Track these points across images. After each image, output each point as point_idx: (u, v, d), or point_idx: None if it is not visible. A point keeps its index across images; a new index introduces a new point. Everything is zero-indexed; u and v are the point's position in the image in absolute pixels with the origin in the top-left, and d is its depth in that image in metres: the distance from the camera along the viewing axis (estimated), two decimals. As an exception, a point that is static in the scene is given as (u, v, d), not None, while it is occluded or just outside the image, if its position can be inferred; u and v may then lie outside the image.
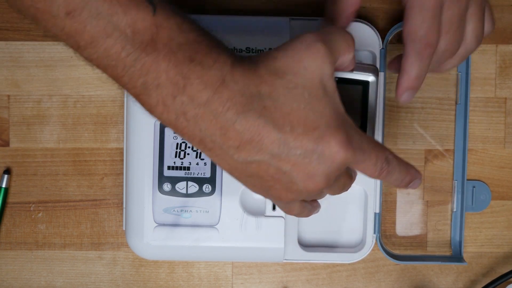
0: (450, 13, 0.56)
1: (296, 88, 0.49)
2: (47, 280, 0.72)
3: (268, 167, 0.49)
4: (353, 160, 0.50)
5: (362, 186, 0.69)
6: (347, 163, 0.50)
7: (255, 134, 0.48)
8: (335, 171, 0.50)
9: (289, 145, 0.48)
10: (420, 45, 0.56)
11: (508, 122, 0.72)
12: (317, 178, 0.50)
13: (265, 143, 0.48)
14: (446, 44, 0.57)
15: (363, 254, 0.70)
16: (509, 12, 0.71)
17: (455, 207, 0.72)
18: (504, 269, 0.73)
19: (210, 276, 0.73)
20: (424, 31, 0.56)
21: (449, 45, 0.57)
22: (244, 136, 0.47)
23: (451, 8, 0.56)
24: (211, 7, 0.71)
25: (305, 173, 0.49)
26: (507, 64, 0.72)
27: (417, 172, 0.55)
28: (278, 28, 0.67)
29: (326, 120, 0.49)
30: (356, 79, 0.58)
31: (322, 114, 0.49)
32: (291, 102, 0.48)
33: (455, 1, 0.56)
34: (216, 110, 0.47)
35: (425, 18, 0.55)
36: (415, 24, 0.56)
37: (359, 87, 0.59)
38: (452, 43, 0.57)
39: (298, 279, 0.73)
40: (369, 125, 0.61)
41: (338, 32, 0.52)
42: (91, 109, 0.71)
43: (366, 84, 0.58)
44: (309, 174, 0.49)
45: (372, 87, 0.58)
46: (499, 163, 0.73)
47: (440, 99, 0.72)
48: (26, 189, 0.72)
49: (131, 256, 0.72)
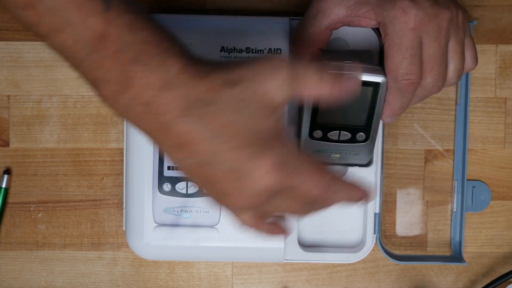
0: (431, 50, 0.58)
1: (243, 101, 0.48)
2: (47, 280, 0.72)
3: (205, 171, 0.49)
4: (284, 184, 0.49)
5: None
6: (276, 186, 0.49)
7: (190, 139, 0.47)
8: (263, 193, 0.49)
9: (220, 156, 0.48)
10: (402, 83, 0.58)
11: (508, 122, 0.72)
12: (245, 195, 0.49)
13: (199, 149, 0.47)
14: (433, 80, 0.59)
15: (363, 254, 0.70)
16: (509, 12, 0.71)
17: (455, 207, 0.72)
18: (504, 269, 0.73)
19: (210, 276, 0.73)
20: (404, 70, 0.57)
21: (436, 81, 0.59)
22: (181, 138, 0.47)
23: (431, 46, 0.58)
24: (211, 7, 0.71)
25: (234, 187, 0.49)
26: (507, 64, 0.72)
27: (363, 192, 0.54)
28: (278, 28, 0.67)
29: (263, 140, 0.48)
30: (368, 80, 0.59)
31: (261, 132, 0.48)
32: (234, 114, 0.47)
33: (434, 38, 0.57)
34: (156, 110, 0.47)
35: (405, 57, 0.57)
36: (395, 63, 0.58)
37: (370, 88, 0.59)
38: (439, 79, 0.59)
39: (298, 279, 0.73)
40: (374, 125, 0.61)
41: (311, 68, 0.50)
42: (91, 109, 0.71)
43: (377, 85, 0.59)
44: (237, 189, 0.49)
45: (382, 88, 0.59)
46: (499, 163, 0.73)
47: (440, 99, 0.72)
48: (26, 189, 0.72)
49: (131, 256, 0.72)
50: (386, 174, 0.72)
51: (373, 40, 0.68)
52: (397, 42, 0.57)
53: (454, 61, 0.59)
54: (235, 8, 0.71)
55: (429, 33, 0.57)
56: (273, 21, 0.67)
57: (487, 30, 0.71)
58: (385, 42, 0.58)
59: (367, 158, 0.65)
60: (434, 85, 0.59)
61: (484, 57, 0.72)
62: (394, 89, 0.59)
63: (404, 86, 0.58)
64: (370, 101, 0.60)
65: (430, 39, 0.57)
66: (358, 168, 0.69)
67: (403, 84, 0.58)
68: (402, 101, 0.59)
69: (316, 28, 0.59)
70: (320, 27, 0.59)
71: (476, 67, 0.71)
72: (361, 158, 0.65)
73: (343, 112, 0.61)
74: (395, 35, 0.57)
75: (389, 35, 0.57)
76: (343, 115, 0.61)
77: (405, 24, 0.57)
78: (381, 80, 0.59)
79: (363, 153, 0.64)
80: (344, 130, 0.62)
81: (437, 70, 0.58)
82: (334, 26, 0.60)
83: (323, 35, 0.60)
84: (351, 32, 0.67)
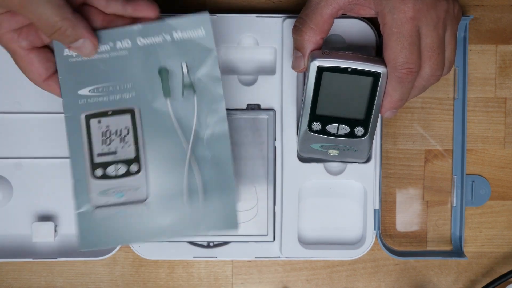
0: (430, 40, 0.59)
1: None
2: (47, 280, 0.73)
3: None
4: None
5: (361, 183, 0.69)
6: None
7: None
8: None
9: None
10: (401, 72, 0.59)
11: (508, 122, 0.72)
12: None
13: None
14: (431, 69, 0.60)
15: (364, 250, 0.70)
16: (509, 12, 0.71)
17: (454, 202, 0.72)
18: (504, 269, 0.73)
19: (210, 276, 0.73)
20: (404, 59, 0.58)
21: (434, 70, 0.60)
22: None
23: (429, 36, 0.59)
24: (211, 7, 0.71)
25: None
26: (507, 64, 0.72)
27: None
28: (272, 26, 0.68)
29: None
30: (369, 70, 0.59)
31: None
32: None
33: (433, 28, 0.59)
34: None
35: (404, 46, 0.58)
36: (394, 52, 0.59)
37: (370, 78, 0.60)
38: (437, 68, 0.60)
39: (298, 279, 0.73)
40: (373, 119, 0.62)
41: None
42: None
43: (378, 75, 0.59)
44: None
45: (383, 78, 0.59)
46: (499, 163, 0.73)
47: (440, 99, 0.72)
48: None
49: (131, 256, 0.72)
50: (386, 174, 0.72)
51: (368, 35, 0.68)
52: (396, 32, 0.58)
53: (447, 52, 0.60)
54: (235, 7, 0.71)
55: (427, 23, 0.58)
56: (268, 20, 0.68)
57: (487, 30, 0.72)
58: (384, 32, 0.59)
59: (365, 155, 0.66)
60: (432, 74, 0.60)
61: (484, 57, 0.72)
62: (393, 78, 0.59)
63: (403, 75, 0.59)
64: (370, 92, 0.61)
65: (429, 29, 0.58)
66: (357, 164, 0.69)
67: (403, 73, 0.59)
68: (402, 91, 0.60)
69: (319, 17, 0.60)
70: (323, 16, 0.60)
71: (476, 67, 0.72)
72: (359, 155, 0.65)
73: (342, 104, 0.62)
74: (394, 25, 0.58)
75: (388, 24, 0.58)
76: (343, 107, 0.62)
77: (404, 13, 0.57)
78: (381, 70, 0.59)
79: (361, 150, 0.64)
80: (343, 123, 0.62)
81: (435, 60, 0.59)
82: (336, 13, 0.60)
83: (327, 24, 0.60)
84: (347, 28, 0.68)
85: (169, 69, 0.60)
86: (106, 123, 0.61)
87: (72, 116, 0.60)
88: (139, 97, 0.60)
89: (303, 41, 0.61)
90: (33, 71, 0.59)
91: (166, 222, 0.61)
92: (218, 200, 0.61)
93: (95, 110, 0.60)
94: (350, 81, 0.60)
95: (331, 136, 0.63)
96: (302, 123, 0.63)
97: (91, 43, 0.58)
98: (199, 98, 0.60)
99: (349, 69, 0.60)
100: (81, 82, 0.60)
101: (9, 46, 0.58)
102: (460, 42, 0.70)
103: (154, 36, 0.60)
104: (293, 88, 0.69)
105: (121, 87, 0.60)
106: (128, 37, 0.60)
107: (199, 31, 0.60)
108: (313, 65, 0.60)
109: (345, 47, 0.68)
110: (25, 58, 0.59)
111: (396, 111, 0.62)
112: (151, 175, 0.61)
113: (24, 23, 0.58)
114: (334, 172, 0.70)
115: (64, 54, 0.60)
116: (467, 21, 0.69)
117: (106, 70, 0.60)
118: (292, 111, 0.69)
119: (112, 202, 0.61)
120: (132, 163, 0.61)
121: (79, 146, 0.61)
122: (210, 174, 0.61)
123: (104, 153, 0.61)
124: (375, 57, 0.61)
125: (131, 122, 0.61)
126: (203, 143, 0.61)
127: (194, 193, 0.61)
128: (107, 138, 0.61)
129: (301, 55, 0.62)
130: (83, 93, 0.60)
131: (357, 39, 0.68)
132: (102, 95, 0.60)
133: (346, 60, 0.60)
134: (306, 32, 0.61)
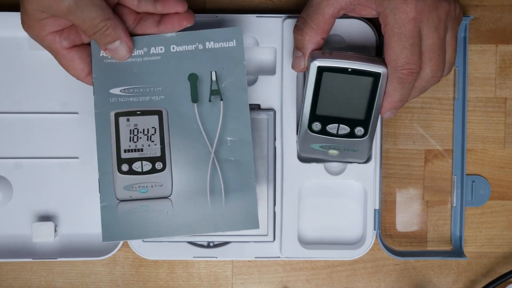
0: (431, 41, 0.59)
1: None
2: (47, 280, 0.73)
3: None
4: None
5: (361, 183, 0.69)
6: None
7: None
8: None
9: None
10: (402, 72, 0.59)
11: (508, 122, 0.72)
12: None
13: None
14: (431, 71, 0.60)
15: (364, 250, 0.70)
16: (509, 12, 0.71)
17: (454, 202, 0.72)
18: (504, 269, 0.73)
19: (210, 276, 0.73)
20: (404, 59, 0.59)
21: (435, 71, 0.60)
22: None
23: (430, 37, 0.59)
24: (211, 7, 0.71)
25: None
26: (507, 64, 0.72)
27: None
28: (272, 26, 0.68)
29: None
30: (369, 70, 0.59)
31: None
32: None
33: (434, 29, 0.59)
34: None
35: (405, 46, 0.58)
36: (395, 53, 0.59)
37: (370, 78, 0.60)
38: (438, 69, 0.60)
39: (298, 279, 0.73)
40: (373, 120, 0.62)
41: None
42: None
43: (378, 76, 0.59)
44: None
45: (383, 79, 0.59)
46: (499, 163, 0.73)
47: (440, 99, 0.72)
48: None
49: (131, 256, 0.72)
50: (386, 174, 0.72)
51: (368, 36, 0.68)
52: (398, 32, 0.58)
53: (448, 53, 0.61)
54: (235, 8, 0.71)
55: (429, 24, 0.58)
56: (268, 19, 0.68)
57: (487, 30, 0.72)
58: (385, 33, 0.59)
59: (365, 156, 0.66)
60: (433, 75, 0.60)
61: (484, 57, 0.72)
62: (394, 79, 0.59)
63: (404, 75, 0.59)
64: (370, 93, 0.61)
65: (430, 30, 0.58)
66: (357, 164, 0.69)
67: (403, 74, 0.59)
68: (402, 92, 0.60)
69: (321, 17, 0.60)
70: (324, 16, 0.60)
71: (476, 67, 0.72)
72: (359, 155, 0.65)
73: (342, 104, 0.62)
74: (396, 25, 0.58)
75: (390, 25, 0.58)
76: (343, 108, 0.62)
77: (406, 14, 0.58)
78: (382, 71, 0.59)
79: (361, 150, 0.64)
80: (343, 123, 0.62)
81: (436, 61, 0.59)
82: (337, 14, 0.60)
83: (328, 24, 0.60)
84: (347, 28, 0.68)
85: (198, 76, 0.63)
86: (135, 122, 0.63)
87: (102, 113, 0.63)
88: (167, 100, 0.63)
89: (304, 41, 0.61)
90: (76, 68, 0.62)
91: (188, 219, 0.63)
92: (239, 200, 0.63)
93: (125, 109, 0.63)
94: (350, 81, 0.61)
95: (331, 136, 0.63)
96: (302, 123, 0.63)
97: (126, 45, 0.61)
98: (225, 105, 0.63)
99: (349, 69, 0.60)
100: (113, 81, 0.63)
101: (51, 47, 0.61)
102: (460, 42, 0.70)
103: (187, 44, 0.63)
104: (293, 88, 0.69)
105: (151, 89, 0.63)
106: (162, 44, 0.63)
107: (231, 42, 0.63)
108: (313, 65, 0.60)
109: (345, 47, 0.68)
110: (67, 56, 0.62)
111: (396, 111, 0.62)
112: (175, 173, 0.63)
113: (66, 25, 0.61)
114: (334, 172, 0.70)
115: (100, 55, 0.62)
116: (467, 21, 0.69)
117: (138, 73, 0.63)
118: (292, 111, 0.69)
119: (136, 196, 0.64)
120: (157, 161, 0.64)
121: (107, 141, 0.63)
122: (232, 176, 0.63)
123: (131, 149, 0.63)
124: (375, 57, 0.61)
125: (158, 123, 0.63)
126: (227, 147, 0.63)
127: (216, 193, 0.63)
128: (134, 136, 0.64)
129: (301, 55, 0.62)
130: (114, 92, 0.63)
131: (357, 39, 0.68)
132: (132, 96, 0.63)
133: (346, 60, 0.60)
134: (307, 32, 0.61)
